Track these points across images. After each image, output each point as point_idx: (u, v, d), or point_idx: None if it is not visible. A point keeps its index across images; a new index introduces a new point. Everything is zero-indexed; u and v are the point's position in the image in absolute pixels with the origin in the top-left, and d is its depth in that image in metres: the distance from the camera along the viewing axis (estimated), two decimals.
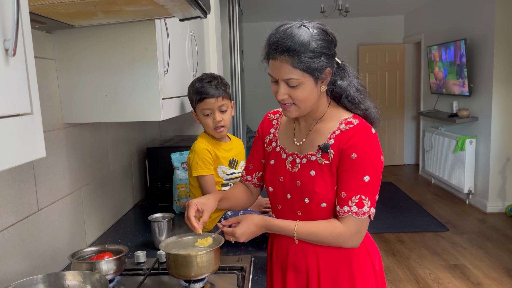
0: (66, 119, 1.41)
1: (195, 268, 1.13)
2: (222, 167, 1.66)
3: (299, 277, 1.27)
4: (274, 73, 1.15)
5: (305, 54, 1.09)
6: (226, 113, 1.63)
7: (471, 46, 4.79)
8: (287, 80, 1.13)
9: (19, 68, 0.60)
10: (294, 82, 1.12)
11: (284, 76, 1.12)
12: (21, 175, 1.19)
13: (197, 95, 1.60)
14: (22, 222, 1.19)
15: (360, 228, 1.17)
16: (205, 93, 1.58)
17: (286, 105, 1.18)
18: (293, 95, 1.15)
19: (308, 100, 1.16)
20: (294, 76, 1.11)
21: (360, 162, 1.14)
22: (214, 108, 1.60)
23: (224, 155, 1.67)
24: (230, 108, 1.66)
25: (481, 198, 4.74)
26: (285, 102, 1.18)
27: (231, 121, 1.67)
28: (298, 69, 1.10)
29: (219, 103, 1.60)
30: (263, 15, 6.34)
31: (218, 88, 1.59)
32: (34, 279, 0.98)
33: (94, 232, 1.66)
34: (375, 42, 7.07)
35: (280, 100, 1.17)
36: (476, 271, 3.29)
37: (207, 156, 1.62)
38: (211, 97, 1.58)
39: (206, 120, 1.63)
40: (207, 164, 1.61)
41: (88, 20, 1.22)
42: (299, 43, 1.09)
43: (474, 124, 4.86)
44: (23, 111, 0.61)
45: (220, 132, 1.64)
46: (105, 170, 1.80)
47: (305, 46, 1.09)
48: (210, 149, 1.64)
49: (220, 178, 1.66)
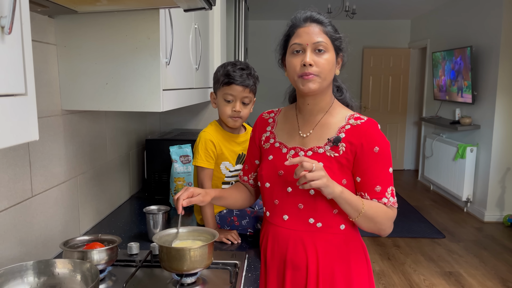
0: (65, 105, 1.40)
1: (188, 262, 1.12)
2: (226, 164, 1.61)
3: (298, 275, 1.26)
4: (304, 38, 1.20)
5: (330, 26, 1.23)
6: (247, 106, 1.57)
7: (477, 53, 4.77)
8: (317, 43, 1.19)
9: (15, 46, 0.59)
10: (323, 46, 1.19)
11: (314, 38, 1.19)
12: (16, 160, 1.18)
13: (225, 77, 1.53)
14: (15, 207, 1.18)
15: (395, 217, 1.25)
16: (235, 79, 1.52)
17: (309, 76, 1.19)
18: (318, 62, 1.19)
19: (330, 72, 1.22)
20: (324, 40, 1.20)
21: (383, 154, 1.21)
22: (238, 97, 1.53)
23: (234, 148, 1.61)
24: (252, 103, 1.60)
25: (479, 207, 4.73)
26: (309, 71, 1.18)
27: (248, 115, 1.60)
28: (327, 35, 1.21)
29: (244, 93, 1.54)
30: (269, 14, 6.33)
31: (249, 79, 1.53)
32: (24, 265, 0.96)
33: (88, 221, 1.64)
34: (380, 46, 7.05)
35: (307, 64, 1.18)
36: (471, 279, 3.27)
37: (210, 149, 1.56)
38: (239, 84, 1.52)
39: (224, 106, 1.55)
40: (208, 157, 1.55)
41: (92, 6, 1.20)
42: (325, 18, 1.23)
43: (476, 132, 4.85)
44: (16, 91, 0.60)
45: (235, 121, 1.57)
46: (103, 159, 1.78)
47: (329, 21, 1.24)
48: (215, 141, 1.57)
49: (222, 174, 1.61)
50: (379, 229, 1.23)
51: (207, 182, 1.56)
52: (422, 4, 5.81)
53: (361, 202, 1.18)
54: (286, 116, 1.36)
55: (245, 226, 1.59)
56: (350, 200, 1.16)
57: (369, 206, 1.19)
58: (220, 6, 2.49)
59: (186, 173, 1.93)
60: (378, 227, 1.22)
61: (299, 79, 1.21)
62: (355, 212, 1.18)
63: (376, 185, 1.20)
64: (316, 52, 1.19)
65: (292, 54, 1.22)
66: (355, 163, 1.21)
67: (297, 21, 1.23)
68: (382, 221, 1.21)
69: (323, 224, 1.23)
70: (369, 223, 1.20)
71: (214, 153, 1.57)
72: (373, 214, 1.19)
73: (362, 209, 1.17)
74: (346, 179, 1.21)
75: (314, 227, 1.23)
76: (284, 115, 1.37)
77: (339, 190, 1.14)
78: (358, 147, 1.20)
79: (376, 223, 1.21)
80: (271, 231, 1.31)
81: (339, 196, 1.14)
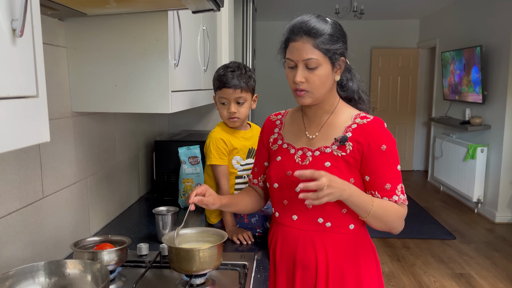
0: (75, 107, 1.41)
1: (197, 263, 1.12)
2: (237, 158, 1.65)
3: (307, 275, 1.25)
4: (294, 55, 1.17)
5: (325, 36, 1.16)
6: (243, 106, 1.60)
7: (487, 53, 4.72)
8: (307, 60, 1.16)
9: (26, 49, 0.59)
10: (314, 63, 1.16)
11: (304, 56, 1.16)
12: (27, 161, 1.19)
13: (217, 82, 1.59)
14: (26, 208, 1.19)
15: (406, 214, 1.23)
16: (224, 82, 1.56)
17: (301, 92, 1.19)
18: (310, 79, 1.17)
19: (323, 86, 1.19)
20: (315, 56, 1.15)
21: (390, 152, 1.19)
22: (231, 99, 1.57)
23: (243, 143, 1.65)
24: (250, 101, 1.62)
25: (490, 208, 4.67)
26: (300, 87, 1.18)
27: (248, 114, 1.64)
28: (319, 50, 1.16)
29: (236, 94, 1.56)
30: (277, 15, 6.32)
31: (239, 80, 1.56)
32: (35, 266, 0.97)
33: (98, 223, 1.66)
34: (388, 46, 7.01)
35: (297, 82, 1.17)
36: (482, 281, 3.24)
37: (221, 146, 1.60)
38: (229, 87, 1.55)
39: (221, 109, 1.61)
40: (220, 154, 1.60)
41: (101, 9, 1.21)
42: (320, 27, 1.17)
43: (486, 132, 4.80)
44: (28, 93, 0.60)
45: (233, 122, 1.61)
46: (112, 161, 1.79)
47: (325, 30, 1.17)
48: (225, 138, 1.62)
49: (234, 169, 1.65)
50: (390, 227, 1.23)
51: (223, 180, 1.60)
52: (431, 4, 5.77)
53: (370, 203, 1.17)
54: (293, 117, 1.37)
55: (254, 223, 1.60)
56: (358, 202, 1.16)
57: (379, 206, 1.18)
58: (228, 7, 2.49)
59: (195, 174, 1.94)
60: (389, 226, 1.22)
61: (294, 92, 1.22)
62: (364, 212, 1.18)
63: (386, 183, 1.20)
64: (308, 68, 1.17)
65: (288, 67, 1.22)
66: (363, 162, 1.21)
67: (290, 32, 1.20)
68: (393, 220, 1.21)
69: (332, 224, 1.23)
70: (380, 222, 1.20)
71: (226, 150, 1.61)
72: (383, 213, 1.19)
73: (371, 210, 1.17)
74: (354, 178, 1.21)
75: (323, 227, 1.23)
76: (291, 117, 1.38)
77: (347, 194, 1.12)
78: (365, 146, 1.20)
79: (387, 222, 1.21)
80: (280, 231, 1.31)
81: (346, 199, 1.14)
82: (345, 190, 1.12)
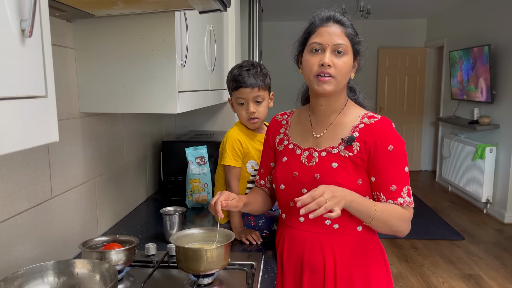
0: (83, 108, 1.42)
1: (205, 262, 1.12)
2: (252, 162, 1.62)
3: (315, 277, 1.25)
4: (325, 38, 1.18)
5: (352, 28, 1.22)
6: (261, 105, 1.57)
7: (495, 52, 4.68)
8: (337, 45, 1.18)
9: (35, 49, 0.60)
10: (343, 48, 1.18)
11: (336, 40, 1.18)
12: (36, 162, 1.20)
13: (233, 83, 1.56)
14: (35, 208, 1.20)
15: (412, 217, 1.22)
16: (241, 82, 1.53)
17: (326, 77, 1.18)
18: (337, 64, 1.18)
19: (346, 75, 1.21)
20: (344, 42, 1.18)
21: (397, 153, 1.18)
22: (249, 99, 1.55)
23: (259, 147, 1.62)
24: (268, 99, 1.60)
25: (499, 208, 4.63)
26: (327, 71, 1.17)
27: (266, 113, 1.61)
28: (347, 38, 1.20)
29: (254, 93, 1.54)
30: (283, 15, 6.32)
31: (256, 78, 1.53)
32: (44, 265, 0.98)
33: (106, 223, 1.66)
34: (396, 45, 6.97)
35: (325, 64, 1.17)
36: (492, 282, 3.20)
37: (237, 147, 1.57)
38: (246, 86, 1.53)
39: (240, 110, 1.58)
40: (235, 155, 1.57)
41: (108, 10, 1.21)
42: (346, 20, 1.22)
43: (495, 132, 4.75)
44: (37, 93, 0.61)
45: (254, 123, 1.58)
46: (120, 161, 1.80)
47: (351, 23, 1.23)
48: (242, 140, 1.59)
49: (248, 173, 1.62)
50: (395, 231, 1.21)
51: (234, 182, 1.58)
52: (439, 3, 5.73)
53: (373, 207, 1.15)
54: (299, 117, 1.36)
55: (261, 226, 1.59)
56: (360, 208, 1.14)
57: (382, 210, 1.16)
58: (234, 8, 2.49)
59: (202, 174, 1.94)
60: (394, 230, 1.20)
61: (314, 78, 1.20)
62: (368, 218, 1.17)
63: (392, 185, 1.18)
64: (336, 54, 1.18)
65: (311, 52, 1.21)
66: (370, 162, 1.20)
67: (319, 20, 1.22)
68: (397, 224, 1.19)
69: (340, 226, 1.22)
70: (384, 226, 1.19)
71: (241, 152, 1.59)
72: (387, 218, 1.17)
73: (375, 214, 1.15)
74: (362, 178, 1.20)
75: (331, 229, 1.22)
76: (297, 117, 1.37)
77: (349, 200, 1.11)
78: (372, 146, 1.18)
79: (391, 226, 1.19)
80: (287, 233, 1.30)
81: (349, 206, 1.13)
82: (346, 196, 1.11)
